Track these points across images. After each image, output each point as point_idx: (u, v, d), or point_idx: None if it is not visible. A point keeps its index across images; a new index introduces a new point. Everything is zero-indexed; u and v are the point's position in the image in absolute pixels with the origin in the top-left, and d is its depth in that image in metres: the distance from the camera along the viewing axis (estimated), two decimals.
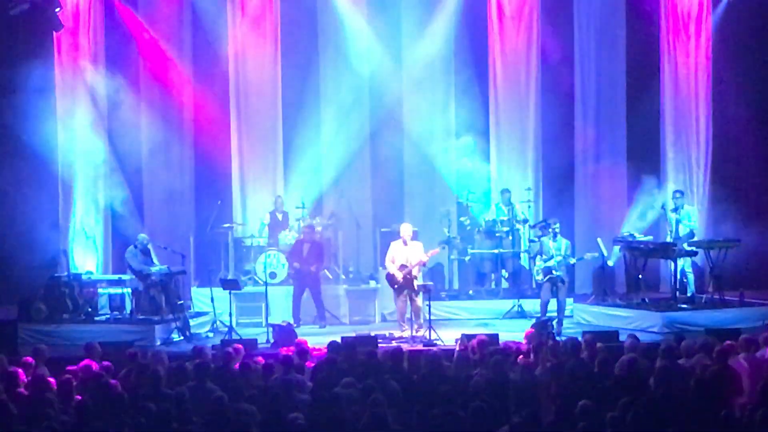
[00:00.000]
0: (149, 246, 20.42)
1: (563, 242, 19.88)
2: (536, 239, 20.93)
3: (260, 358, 14.83)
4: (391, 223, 22.08)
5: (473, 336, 15.97)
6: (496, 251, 21.85)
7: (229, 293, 19.88)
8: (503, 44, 23.26)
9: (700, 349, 14.58)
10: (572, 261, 20.18)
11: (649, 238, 20.81)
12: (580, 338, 15.52)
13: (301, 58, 23.11)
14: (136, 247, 20.16)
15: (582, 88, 23.18)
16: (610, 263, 21.64)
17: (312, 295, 20.71)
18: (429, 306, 18.94)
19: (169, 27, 22.73)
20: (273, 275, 21.08)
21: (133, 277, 20.10)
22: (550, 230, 20.09)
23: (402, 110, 23.11)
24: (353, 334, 17.90)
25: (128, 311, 20.14)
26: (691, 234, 20.68)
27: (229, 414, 12.10)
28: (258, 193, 23.09)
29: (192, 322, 19.73)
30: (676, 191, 21.21)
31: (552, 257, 19.65)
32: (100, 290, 20.63)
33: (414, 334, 18.89)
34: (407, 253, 19.26)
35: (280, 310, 20.54)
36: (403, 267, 19.17)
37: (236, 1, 22.95)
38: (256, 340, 18.20)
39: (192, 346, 16.76)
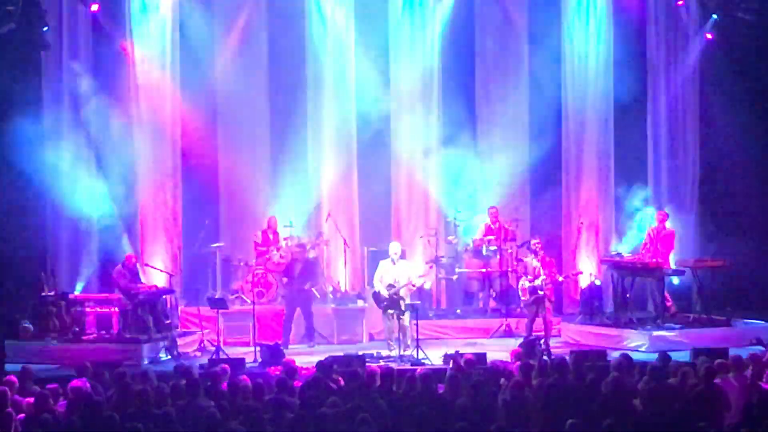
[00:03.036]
0: (137, 265, 20.40)
1: (546, 259, 19.86)
2: (521, 259, 20.93)
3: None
4: (379, 242, 22.09)
5: (461, 355, 15.98)
6: (483, 270, 21.86)
7: (217, 312, 19.86)
8: (490, 61, 23.29)
9: (688, 369, 14.61)
10: (560, 278, 20.14)
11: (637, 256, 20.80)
12: (567, 357, 15.52)
13: (288, 76, 23.10)
14: (124, 266, 20.13)
15: (570, 106, 23.18)
16: (597, 282, 21.66)
17: (303, 314, 20.65)
18: (417, 325, 18.93)
19: (157, 47, 22.68)
20: (261, 294, 21.09)
21: (121, 296, 20.06)
22: (531, 249, 20.11)
23: (389, 129, 23.11)
24: (341, 354, 17.87)
25: (116, 331, 20.10)
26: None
27: None
28: (245, 212, 23.05)
29: (179, 342, 19.68)
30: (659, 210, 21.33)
31: (538, 276, 19.63)
32: (87, 309, 20.56)
33: (402, 353, 18.86)
34: (396, 273, 19.27)
35: (268, 330, 20.51)
36: (390, 286, 19.18)
37: (224, 21, 22.94)
38: (243, 359, 18.17)
39: (178, 365, 16.77)
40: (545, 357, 15.91)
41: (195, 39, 22.94)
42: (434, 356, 18.42)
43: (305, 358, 17.84)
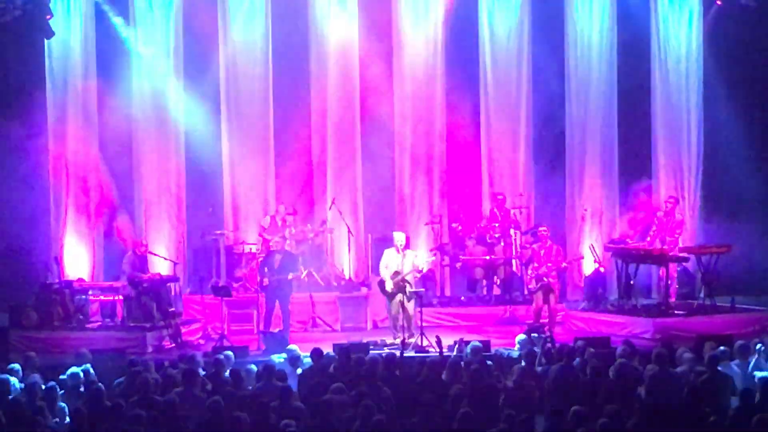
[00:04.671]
0: (146, 252, 20.39)
1: (553, 248, 19.85)
2: (527, 246, 20.91)
3: None
4: (383, 230, 22.07)
5: (467, 342, 15.97)
6: (487, 258, 21.85)
7: (221, 300, 19.87)
8: (494, 49, 23.25)
9: (692, 356, 14.64)
10: (563, 264, 20.14)
11: (642, 243, 20.77)
12: (571, 344, 15.52)
13: (292, 63, 23.06)
14: (134, 253, 20.12)
15: (573, 95, 23.12)
16: (602, 269, 21.63)
17: (281, 307, 20.13)
18: (421, 313, 18.91)
19: (160, 34, 22.63)
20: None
21: (125, 283, 20.05)
22: (537, 236, 20.07)
23: (393, 116, 23.08)
24: (345, 341, 17.87)
25: (120, 318, 20.11)
26: None
27: (220, 421, 12.09)
28: (249, 199, 23.03)
29: (183, 330, 19.67)
30: (670, 197, 21.36)
31: (544, 264, 19.60)
32: (91, 297, 20.57)
33: (406, 340, 18.84)
34: (401, 261, 19.22)
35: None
36: (396, 274, 19.14)
37: (228, 7, 22.87)
38: (247, 347, 18.19)
39: (183, 353, 16.82)
40: (549, 344, 15.87)
41: (199, 26, 22.89)
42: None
43: (309, 345, 17.79)
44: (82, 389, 13.93)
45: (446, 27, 23.10)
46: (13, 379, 13.86)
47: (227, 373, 14.29)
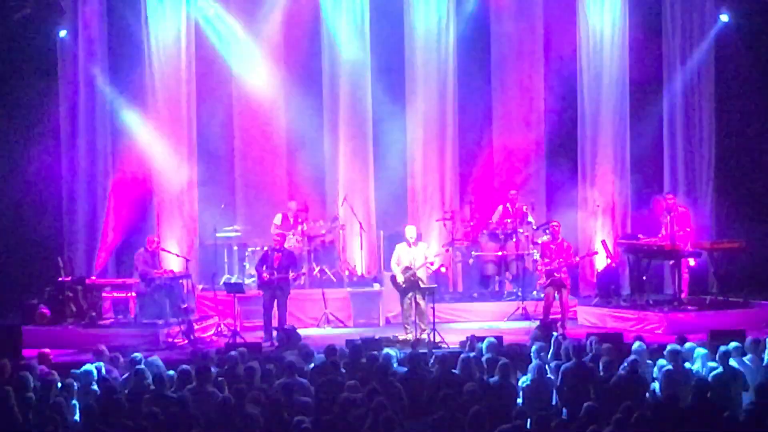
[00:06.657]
0: (157, 249, 20.41)
1: (564, 243, 19.82)
2: (539, 242, 20.91)
3: None
4: (395, 225, 22.07)
5: (481, 338, 15.95)
6: (499, 253, 21.84)
7: (234, 297, 19.87)
8: (506, 44, 23.24)
9: (705, 351, 14.63)
10: (576, 259, 20.14)
11: (654, 239, 20.75)
12: (584, 340, 15.51)
13: (304, 61, 23.10)
14: (146, 250, 20.15)
15: (586, 88, 23.06)
16: (614, 265, 21.61)
17: (278, 305, 19.94)
18: (433, 308, 18.92)
19: (173, 33, 22.60)
20: None
21: (138, 280, 20.10)
22: (549, 231, 20.06)
23: (405, 112, 23.07)
24: (357, 337, 17.88)
25: (132, 315, 20.15)
26: None
27: (233, 417, 12.12)
28: (261, 196, 23.06)
29: (196, 326, 19.69)
30: (667, 193, 21.31)
31: (555, 259, 19.58)
32: (104, 294, 20.59)
33: (418, 336, 18.85)
34: (412, 255, 19.24)
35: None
36: (408, 269, 19.15)
37: (240, 8, 22.88)
38: (260, 343, 18.20)
39: (195, 349, 16.85)
40: (561, 340, 15.86)
41: (211, 26, 22.91)
42: (450, 339, 18.37)
43: (321, 341, 17.81)
44: (95, 386, 13.94)
45: (457, 22, 23.08)
46: (29, 376, 13.86)
47: (240, 370, 14.31)
